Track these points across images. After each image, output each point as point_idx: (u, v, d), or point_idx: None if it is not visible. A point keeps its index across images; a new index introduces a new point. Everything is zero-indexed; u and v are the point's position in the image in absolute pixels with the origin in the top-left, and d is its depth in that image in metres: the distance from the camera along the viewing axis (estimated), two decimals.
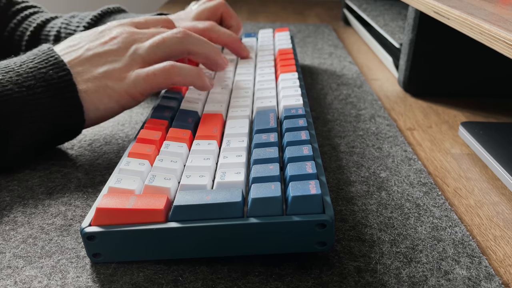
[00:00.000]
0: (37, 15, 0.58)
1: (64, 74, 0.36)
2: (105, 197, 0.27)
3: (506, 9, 0.41)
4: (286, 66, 0.47)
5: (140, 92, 0.37)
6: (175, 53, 0.39)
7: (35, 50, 0.38)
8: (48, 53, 0.37)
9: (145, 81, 0.37)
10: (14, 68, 0.35)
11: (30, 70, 0.35)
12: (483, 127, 0.42)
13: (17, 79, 0.35)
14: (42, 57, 0.37)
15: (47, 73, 0.35)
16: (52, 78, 0.35)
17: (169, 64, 0.37)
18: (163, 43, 0.39)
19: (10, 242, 0.29)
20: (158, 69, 0.37)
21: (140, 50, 0.38)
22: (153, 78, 0.37)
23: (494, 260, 0.29)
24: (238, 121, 0.37)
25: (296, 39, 0.77)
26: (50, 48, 0.38)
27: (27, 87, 0.34)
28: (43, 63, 0.36)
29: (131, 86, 0.37)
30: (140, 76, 0.37)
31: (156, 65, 0.38)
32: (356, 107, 0.50)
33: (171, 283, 0.26)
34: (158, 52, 0.39)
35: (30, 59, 0.36)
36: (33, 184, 0.35)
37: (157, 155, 0.32)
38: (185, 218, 0.26)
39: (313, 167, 0.29)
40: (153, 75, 0.37)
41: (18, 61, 0.36)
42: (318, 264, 0.27)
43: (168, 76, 0.37)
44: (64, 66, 0.36)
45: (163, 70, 0.37)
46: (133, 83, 0.37)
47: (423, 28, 0.51)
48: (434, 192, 0.35)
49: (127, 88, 0.37)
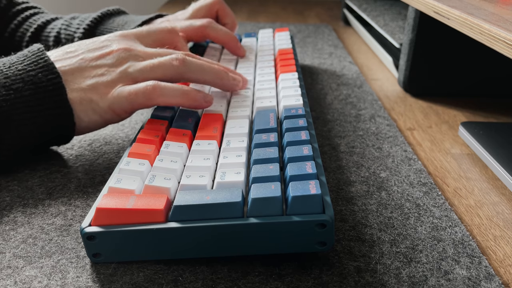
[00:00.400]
0: (38, 16, 0.59)
1: (53, 77, 0.35)
2: (105, 197, 0.27)
3: (506, 9, 0.41)
4: (286, 66, 0.47)
5: (123, 110, 0.36)
6: (168, 79, 0.37)
7: (25, 51, 0.37)
8: (38, 55, 0.36)
9: (126, 99, 0.35)
10: (2, 70, 0.35)
11: (19, 72, 0.35)
12: (483, 127, 0.42)
13: (4, 82, 0.34)
14: (31, 59, 0.36)
15: (36, 75, 0.35)
16: (41, 81, 0.35)
17: (151, 85, 0.35)
18: (158, 68, 0.37)
19: (10, 242, 0.29)
20: (139, 88, 0.35)
21: (132, 69, 0.37)
22: (134, 98, 0.35)
23: (494, 260, 0.29)
24: (238, 121, 0.37)
25: (296, 39, 0.77)
26: (40, 49, 0.37)
27: (15, 90, 0.34)
28: (32, 66, 0.35)
29: (114, 103, 0.36)
30: (122, 94, 0.36)
31: (138, 84, 0.36)
32: (356, 107, 0.50)
33: (171, 283, 0.26)
34: (150, 75, 0.37)
35: (20, 61, 0.36)
36: (33, 184, 0.35)
37: (157, 155, 0.32)
38: (185, 218, 0.26)
39: (313, 167, 0.29)
40: (134, 94, 0.35)
41: (8, 62, 0.36)
42: (318, 264, 0.27)
43: (149, 97, 0.35)
44: (54, 69, 0.35)
45: (144, 91, 0.35)
46: (115, 100, 0.36)
47: (423, 28, 0.51)
48: (434, 192, 0.35)
49: (109, 105, 0.36)
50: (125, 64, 0.37)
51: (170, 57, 0.38)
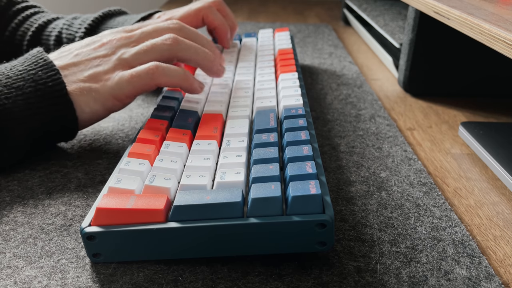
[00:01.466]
0: (38, 15, 0.58)
1: (53, 74, 0.36)
2: (105, 197, 0.27)
3: (506, 9, 0.41)
4: (286, 66, 0.47)
5: (125, 94, 0.37)
6: (163, 59, 0.39)
7: (26, 55, 0.38)
8: (38, 56, 0.37)
9: (128, 82, 0.36)
10: (4, 72, 0.36)
11: (20, 72, 0.36)
12: (483, 127, 0.42)
13: (6, 81, 0.35)
14: (31, 60, 0.37)
15: (36, 74, 0.36)
16: (41, 78, 0.36)
17: (153, 65, 0.37)
18: (151, 49, 0.38)
19: (10, 242, 0.29)
20: (141, 70, 0.37)
21: (126, 54, 0.38)
22: (137, 80, 0.36)
23: (494, 260, 0.29)
24: (238, 121, 0.37)
25: (296, 39, 0.77)
26: (39, 51, 0.38)
27: (16, 88, 0.35)
28: (32, 65, 0.36)
29: (115, 89, 0.37)
30: (124, 78, 0.36)
31: (140, 66, 0.37)
32: (356, 107, 0.50)
33: (171, 283, 0.26)
34: (145, 58, 0.38)
35: (20, 63, 0.37)
36: (33, 184, 0.35)
37: (157, 155, 0.32)
38: (185, 218, 0.26)
39: (313, 167, 0.29)
40: (137, 76, 0.36)
41: (9, 65, 0.37)
42: (318, 264, 0.27)
43: (153, 77, 0.37)
44: (53, 67, 0.36)
45: (147, 71, 0.36)
46: (117, 85, 0.36)
47: (423, 28, 0.51)
48: (434, 192, 0.35)
49: (111, 91, 0.37)
50: (119, 51, 0.38)
51: (162, 37, 0.39)
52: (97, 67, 0.37)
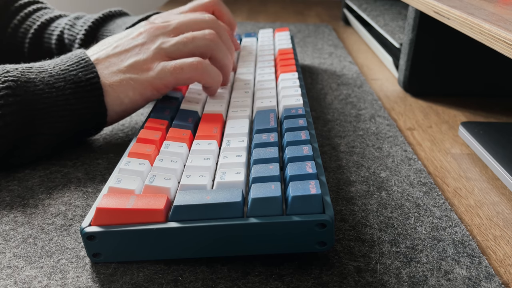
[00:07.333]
0: (41, 11, 0.58)
1: (91, 77, 0.37)
2: (105, 197, 0.27)
3: (506, 9, 0.41)
4: (286, 66, 0.47)
5: (165, 85, 0.38)
6: (199, 54, 0.39)
7: (69, 54, 0.39)
8: (80, 56, 0.38)
9: (171, 74, 0.37)
10: (47, 69, 0.37)
11: (62, 72, 0.37)
12: (483, 127, 0.42)
13: (48, 80, 0.36)
14: (73, 60, 0.38)
15: (76, 75, 0.37)
16: (81, 80, 0.36)
17: (197, 61, 0.37)
18: (192, 42, 0.39)
19: (10, 242, 0.29)
20: (186, 63, 0.37)
21: (166, 45, 0.38)
22: (180, 72, 0.37)
23: (494, 260, 0.29)
24: (238, 121, 0.37)
25: (296, 39, 0.77)
26: (82, 51, 0.39)
27: (57, 88, 0.36)
28: (74, 66, 0.37)
29: (156, 78, 0.37)
30: (166, 68, 0.37)
31: (183, 60, 0.38)
32: (356, 107, 0.50)
33: (171, 283, 0.26)
34: (185, 49, 0.39)
35: (63, 62, 0.38)
36: (33, 184, 0.35)
37: (157, 155, 0.32)
38: (185, 218, 0.26)
39: (313, 167, 0.29)
40: (180, 68, 0.37)
41: (52, 63, 0.38)
42: (318, 264, 0.27)
43: (196, 73, 0.37)
44: (93, 69, 0.37)
45: (190, 66, 0.37)
46: (158, 75, 0.37)
47: (423, 28, 0.51)
48: (434, 192, 0.35)
49: (151, 80, 0.37)
50: (158, 40, 0.39)
51: (203, 32, 0.40)
52: (136, 56, 0.38)
